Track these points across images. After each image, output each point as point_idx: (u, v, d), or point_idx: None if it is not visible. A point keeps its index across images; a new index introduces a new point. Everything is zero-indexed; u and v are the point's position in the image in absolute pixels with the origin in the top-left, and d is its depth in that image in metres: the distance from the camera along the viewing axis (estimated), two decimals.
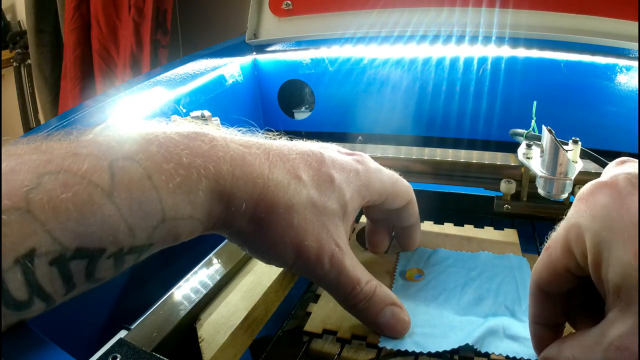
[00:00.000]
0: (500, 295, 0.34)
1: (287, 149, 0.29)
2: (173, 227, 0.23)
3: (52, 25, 1.67)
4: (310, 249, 0.28)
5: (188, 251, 0.44)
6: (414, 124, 0.72)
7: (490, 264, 0.38)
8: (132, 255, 0.23)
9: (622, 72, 0.60)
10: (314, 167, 0.29)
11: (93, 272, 0.21)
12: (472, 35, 0.64)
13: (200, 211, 0.24)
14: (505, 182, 0.46)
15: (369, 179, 0.32)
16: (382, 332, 0.31)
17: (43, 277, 0.19)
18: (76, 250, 0.20)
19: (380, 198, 0.33)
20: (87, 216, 0.20)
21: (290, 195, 0.27)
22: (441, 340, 0.30)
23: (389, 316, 0.30)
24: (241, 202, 0.26)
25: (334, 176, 0.30)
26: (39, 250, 0.19)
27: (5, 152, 0.20)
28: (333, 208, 0.29)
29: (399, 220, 0.37)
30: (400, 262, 0.39)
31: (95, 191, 0.20)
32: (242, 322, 0.33)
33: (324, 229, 0.28)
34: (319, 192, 0.29)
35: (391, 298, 0.31)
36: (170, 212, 0.23)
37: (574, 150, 0.41)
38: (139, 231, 0.22)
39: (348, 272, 0.29)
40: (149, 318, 0.32)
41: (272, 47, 0.76)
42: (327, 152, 0.31)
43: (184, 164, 0.23)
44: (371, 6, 0.67)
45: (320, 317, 0.34)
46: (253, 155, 0.27)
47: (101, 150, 0.21)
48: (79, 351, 0.29)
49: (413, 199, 0.36)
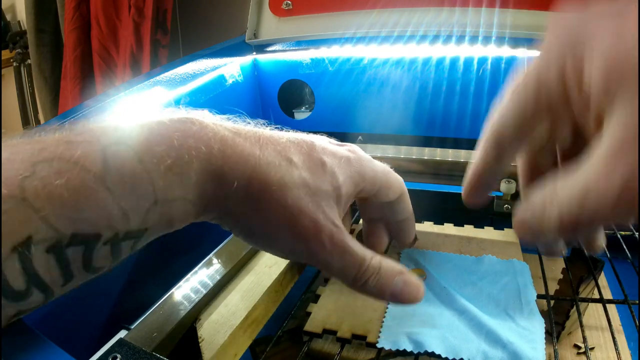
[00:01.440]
0: (502, 300, 0.34)
1: (278, 135, 0.29)
2: (166, 210, 0.23)
3: (52, 25, 1.67)
4: (307, 229, 0.27)
5: (188, 251, 0.44)
6: (414, 124, 0.72)
7: (493, 268, 0.38)
8: (128, 242, 0.23)
9: None
10: (304, 151, 0.29)
11: (90, 260, 0.21)
12: (472, 35, 0.64)
13: (193, 192, 0.24)
14: (505, 182, 0.46)
15: (361, 166, 0.31)
16: (400, 300, 0.30)
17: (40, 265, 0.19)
18: (72, 237, 0.20)
19: (374, 188, 0.33)
20: (81, 201, 0.20)
21: (283, 175, 0.27)
22: (440, 341, 0.30)
23: (402, 284, 0.29)
24: (233, 180, 0.26)
25: (326, 161, 0.29)
26: (36, 238, 0.19)
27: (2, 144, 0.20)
28: (326, 189, 0.29)
29: (394, 214, 0.36)
30: (401, 263, 0.39)
31: (88, 176, 0.20)
32: (242, 322, 0.33)
33: (319, 209, 0.28)
34: (310, 174, 0.28)
35: (397, 267, 0.30)
36: (163, 194, 0.23)
37: None
38: (133, 214, 0.22)
39: (353, 250, 0.28)
40: (149, 318, 0.32)
41: (272, 47, 0.76)
42: (318, 141, 0.31)
43: (175, 146, 0.23)
44: (371, 6, 0.67)
45: (320, 317, 0.34)
46: (243, 137, 0.27)
47: (94, 137, 0.22)
48: (79, 351, 0.29)
49: (405, 191, 0.35)
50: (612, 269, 0.41)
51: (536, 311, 0.34)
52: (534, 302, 0.35)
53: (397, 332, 0.31)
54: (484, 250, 0.42)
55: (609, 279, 0.45)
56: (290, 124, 0.79)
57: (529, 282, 0.36)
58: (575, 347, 0.37)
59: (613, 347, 0.33)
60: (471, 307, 0.33)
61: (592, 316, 0.42)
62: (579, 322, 0.34)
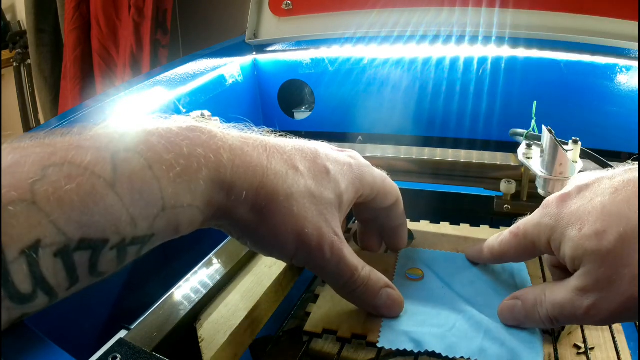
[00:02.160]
0: (500, 298, 0.34)
1: (283, 143, 0.30)
2: (173, 216, 0.24)
3: (52, 25, 1.67)
4: (311, 237, 0.28)
5: (188, 251, 0.44)
6: (414, 124, 0.72)
7: (490, 266, 0.38)
8: (135, 247, 0.23)
9: (622, 72, 0.60)
10: (309, 159, 0.30)
11: (96, 264, 0.21)
12: (472, 35, 0.64)
13: (201, 199, 0.25)
14: (505, 182, 0.46)
15: (361, 172, 0.33)
16: (381, 313, 0.32)
17: (47, 269, 0.19)
18: (80, 241, 0.20)
19: (372, 193, 0.34)
20: (91, 207, 0.20)
21: (290, 185, 0.28)
22: (440, 339, 0.30)
23: (385, 298, 0.32)
24: (241, 190, 0.26)
25: (329, 168, 0.31)
26: (44, 242, 0.19)
27: (10, 146, 0.20)
28: (330, 198, 0.30)
29: (388, 219, 0.38)
30: (399, 262, 0.39)
31: (98, 182, 0.20)
32: (242, 322, 0.33)
33: (323, 218, 0.29)
34: (315, 182, 0.29)
35: (384, 281, 0.32)
36: (171, 200, 0.23)
37: (574, 150, 0.41)
38: (141, 220, 0.22)
39: (347, 260, 0.30)
40: (149, 318, 0.32)
41: (272, 47, 0.76)
42: (321, 147, 0.32)
43: (184, 154, 0.24)
44: (371, 6, 0.68)
45: (319, 317, 0.34)
46: (251, 147, 0.28)
47: (103, 143, 0.22)
48: (79, 351, 0.29)
49: (400, 198, 0.37)
50: None
51: None
52: None
53: (397, 332, 0.32)
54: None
55: None
56: (290, 124, 0.79)
57: (527, 280, 0.36)
58: (575, 347, 0.37)
59: (613, 347, 0.33)
60: (470, 306, 0.33)
61: None
62: None
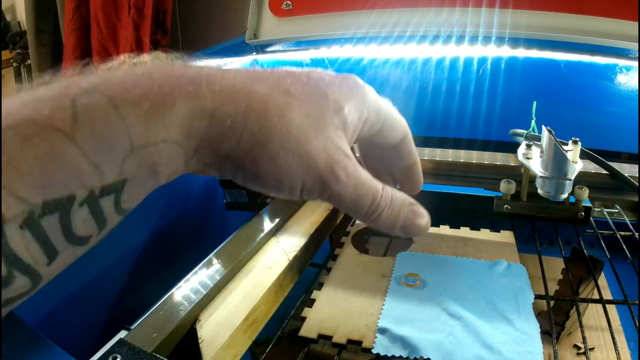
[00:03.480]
0: (499, 303, 0.34)
1: (270, 70, 0.27)
2: (146, 156, 0.21)
3: (52, 25, 1.67)
4: (318, 159, 0.25)
5: (188, 251, 0.44)
6: (414, 124, 0.71)
7: (489, 271, 0.38)
8: (107, 198, 0.21)
9: (622, 72, 0.60)
10: (302, 80, 0.27)
11: (69, 226, 0.20)
12: (472, 35, 0.64)
13: (178, 132, 0.22)
14: (505, 182, 0.46)
15: (364, 93, 0.29)
16: (409, 233, 0.29)
17: (17, 244, 0.18)
18: (44, 205, 0.18)
19: (378, 120, 0.30)
20: (50, 166, 0.18)
21: (282, 107, 0.25)
22: (436, 346, 0.30)
23: (412, 216, 0.29)
24: (226, 116, 0.23)
25: (326, 89, 0.27)
26: (7, 215, 0.17)
27: None
28: (331, 118, 0.26)
29: (399, 159, 0.34)
30: (396, 267, 0.39)
31: (57, 137, 0.19)
32: (242, 322, 0.33)
33: (328, 139, 0.26)
34: (312, 103, 0.26)
35: (407, 198, 0.29)
36: (140, 139, 0.21)
37: (573, 151, 0.41)
38: (106, 167, 0.20)
39: (366, 182, 0.26)
40: (149, 318, 0.32)
41: (272, 47, 0.76)
42: (314, 70, 0.29)
43: (154, 86, 0.21)
44: (371, 6, 0.67)
45: (315, 322, 0.34)
46: (232, 73, 0.24)
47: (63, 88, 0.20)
48: (79, 351, 0.29)
49: (409, 132, 0.33)
50: (612, 269, 0.41)
51: (532, 315, 0.34)
52: (531, 305, 0.35)
53: (393, 338, 0.31)
54: (480, 252, 0.42)
55: (608, 279, 0.45)
56: None
57: (527, 285, 0.36)
58: (575, 348, 0.37)
59: (613, 347, 0.33)
60: (467, 312, 0.33)
61: (592, 316, 0.42)
62: (578, 322, 0.34)
